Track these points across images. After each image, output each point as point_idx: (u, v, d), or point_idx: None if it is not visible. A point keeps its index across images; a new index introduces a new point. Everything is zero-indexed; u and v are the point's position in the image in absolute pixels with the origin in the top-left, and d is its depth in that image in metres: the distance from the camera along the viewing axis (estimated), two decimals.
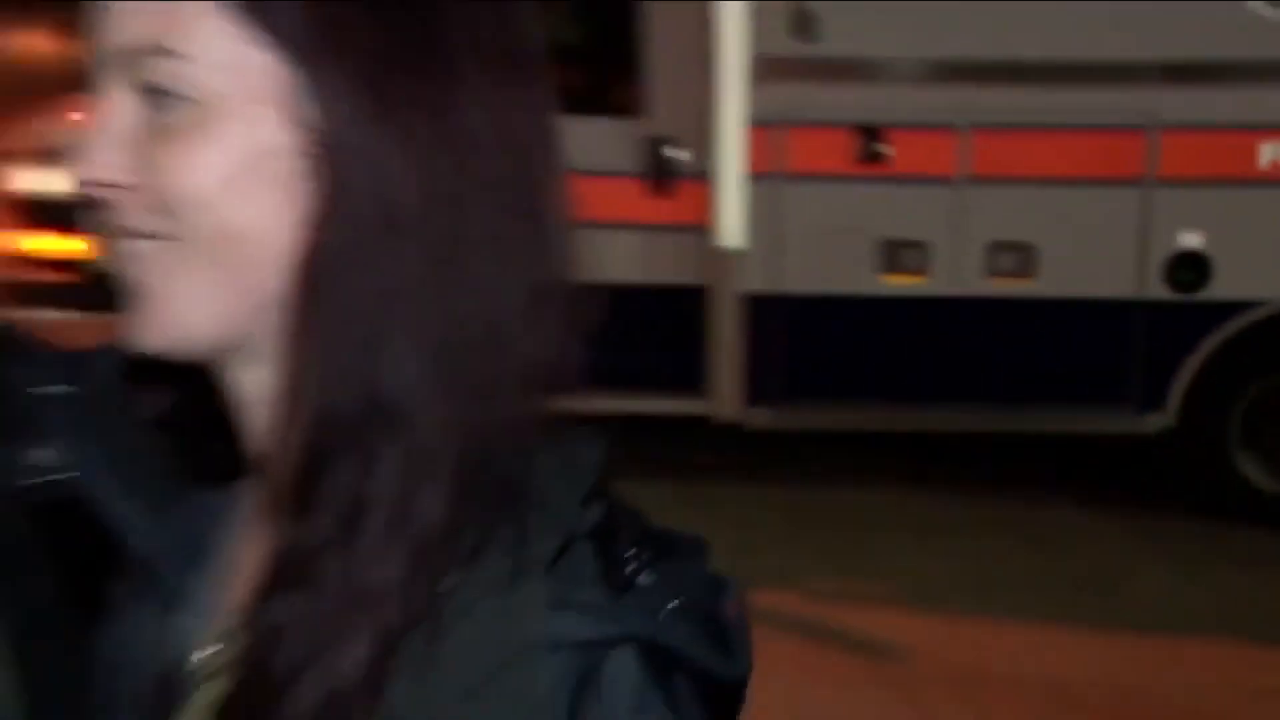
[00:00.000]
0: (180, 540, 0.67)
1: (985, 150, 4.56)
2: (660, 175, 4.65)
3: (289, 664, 0.58)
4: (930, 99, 4.53)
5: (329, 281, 0.59)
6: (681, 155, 4.63)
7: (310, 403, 0.60)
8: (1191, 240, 4.52)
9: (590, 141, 4.34)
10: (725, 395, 4.71)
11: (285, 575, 0.59)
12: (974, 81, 4.52)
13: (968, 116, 4.52)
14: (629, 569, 0.62)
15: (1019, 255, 4.58)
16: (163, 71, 0.59)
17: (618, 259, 4.45)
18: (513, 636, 0.59)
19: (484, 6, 0.62)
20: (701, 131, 4.57)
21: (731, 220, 4.58)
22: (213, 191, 0.60)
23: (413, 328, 0.60)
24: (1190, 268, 4.52)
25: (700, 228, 4.63)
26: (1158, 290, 4.54)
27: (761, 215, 4.57)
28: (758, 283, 4.61)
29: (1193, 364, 4.57)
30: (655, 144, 4.64)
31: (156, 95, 0.60)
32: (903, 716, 3.41)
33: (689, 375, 4.72)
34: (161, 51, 0.60)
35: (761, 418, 4.76)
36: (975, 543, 4.51)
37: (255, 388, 0.63)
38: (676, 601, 0.61)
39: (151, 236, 0.61)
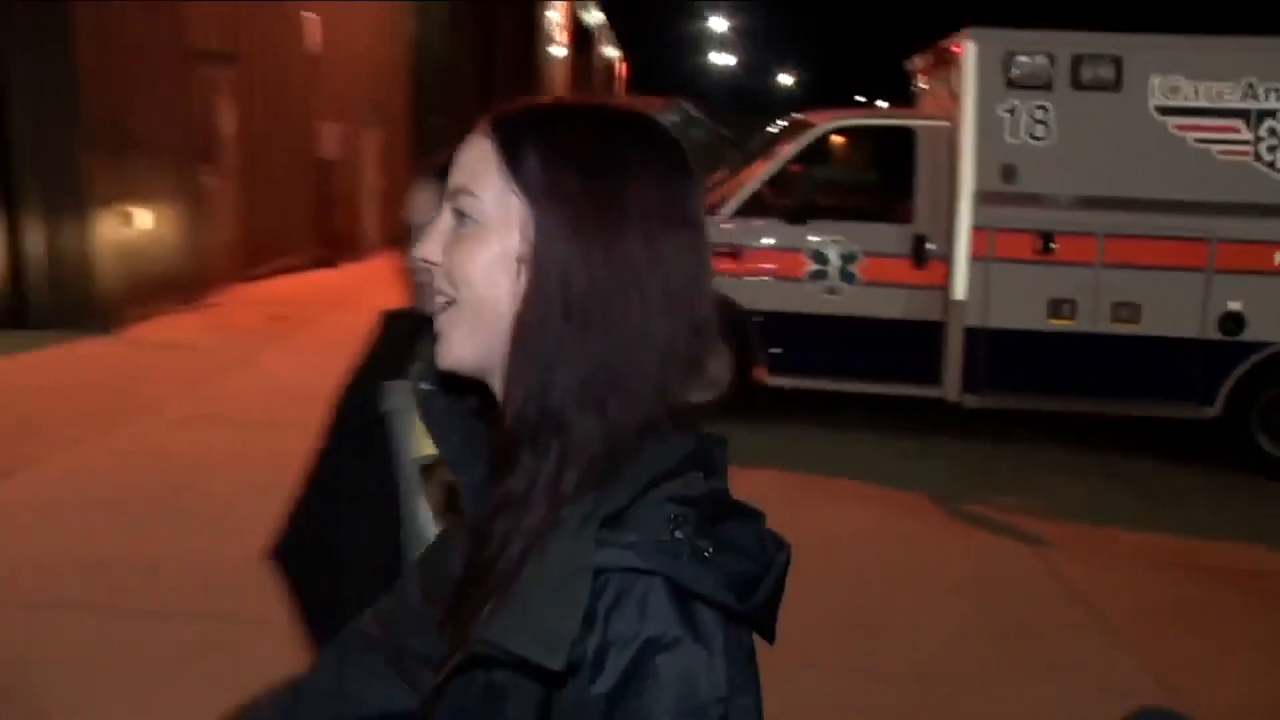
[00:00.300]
0: (478, 471, 1.08)
1: (1112, 248, 7.73)
2: (921, 257, 7.93)
3: (497, 537, 0.99)
4: (1080, 218, 7.72)
5: (524, 335, 0.97)
6: (934, 245, 7.91)
7: (511, 409, 0.98)
8: (1234, 305, 7.62)
9: (882, 237, 7.76)
10: (951, 386, 7.99)
11: (498, 501, 1.00)
12: (1106, 208, 7.69)
13: (1102, 228, 7.69)
14: (672, 525, 0.91)
15: (1130, 309, 7.69)
16: (465, 204, 1.01)
17: (897, 304, 7.79)
18: (571, 561, 0.91)
19: (652, 181, 0.99)
20: (948, 231, 7.84)
21: (960, 283, 7.86)
22: (478, 276, 1.00)
23: (572, 369, 0.96)
24: (1233, 321, 7.63)
25: (943, 288, 7.90)
26: (1213, 334, 7.66)
27: (978, 281, 7.82)
28: (974, 320, 7.85)
29: (1232, 378, 7.67)
30: (919, 239, 7.94)
31: (460, 216, 1.01)
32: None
33: (932, 373, 7.97)
34: (467, 192, 1.01)
35: (972, 400, 8.00)
36: (1095, 478, 7.69)
37: (499, 396, 1.00)
38: (709, 550, 0.91)
39: (445, 298, 1.02)
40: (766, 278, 7.79)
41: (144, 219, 10.08)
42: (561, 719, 0.94)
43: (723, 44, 72.12)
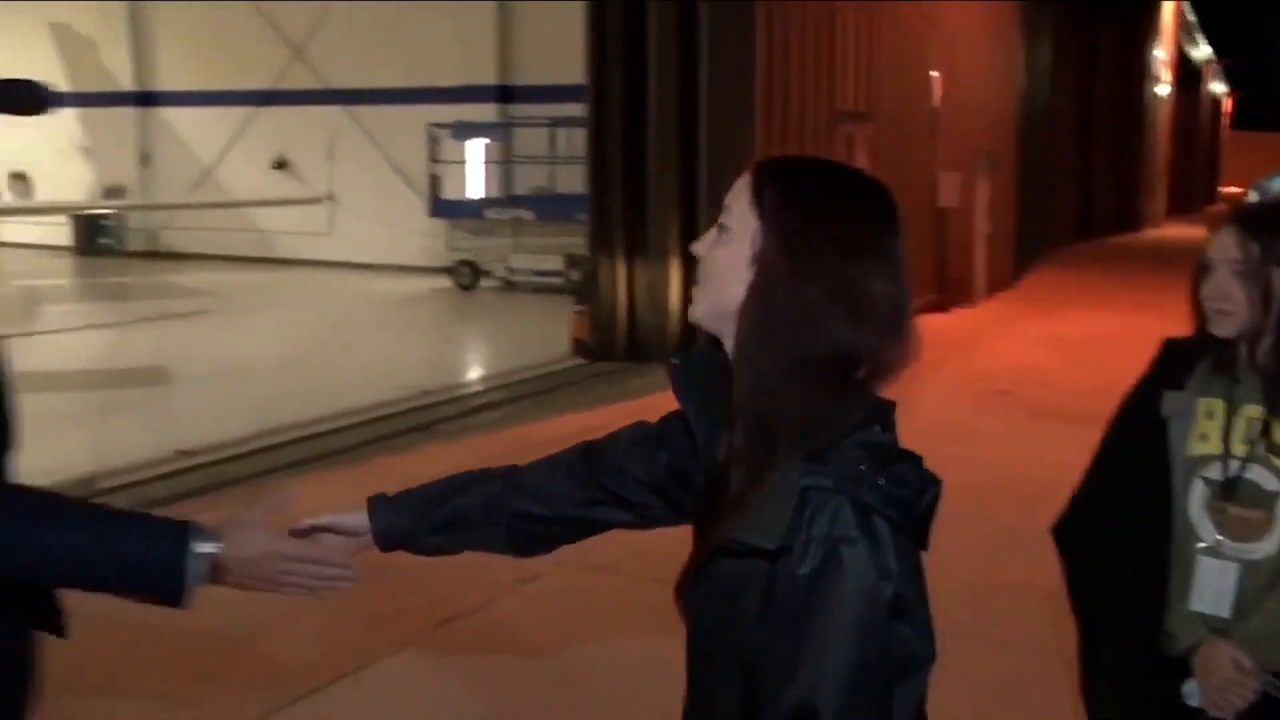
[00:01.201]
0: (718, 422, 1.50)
1: None
2: None
3: (732, 474, 1.41)
4: None
5: (746, 323, 1.42)
6: None
7: (739, 380, 1.42)
8: None
9: None
10: None
11: (729, 447, 1.43)
12: None
13: None
14: (857, 462, 1.35)
15: None
16: (724, 218, 1.46)
17: None
18: (784, 483, 1.36)
19: (853, 223, 1.44)
20: None
21: None
22: (719, 267, 1.46)
23: (778, 354, 1.39)
24: None
25: None
26: None
27: None
28: None
29: None
30: None
31: (721, 227, 1.47)
32: None
33: None
34: (726, 211, 1.48)
35: None
36: None
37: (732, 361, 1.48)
38: (881, 480, 1.34)
39: (697, 282, 1.50)
40: None
41: None
42: (778, 594, 1.35)
43: None
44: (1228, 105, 62.99)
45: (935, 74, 14.43)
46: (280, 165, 19.31)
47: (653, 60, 10.42)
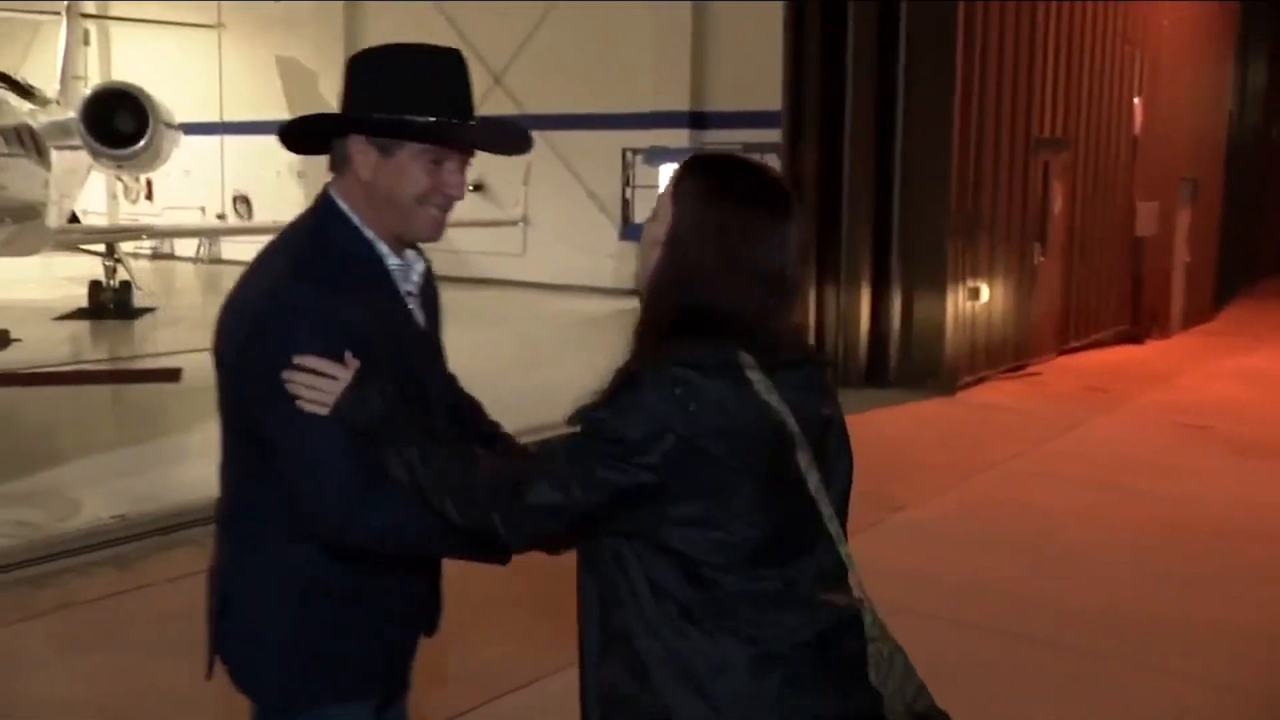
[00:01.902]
0: None
1: None
2: None
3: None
4: None
5: (655, 274, 1.89)
6: None
7: (641, 315, 1.92)
8: None
9: None
10: None
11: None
12: None
13: None
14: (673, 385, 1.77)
15: None
16: (658, 201, 1.94)
17: None
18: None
19: (743, 202, 1.86)
20: None
21: None
22: (647, 241, 1.92)
23: (668, 299, 1.86)
24: None
25: None
26: None
27: None
28: None
29: None
30: None
31: (656, 208, 1.95)
32: None
33: None
34: (656, 207, 1.93)
35: None
36: None
37: None
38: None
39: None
40: None
41: (986, 294, 11.19)
42: None
43: None
44: None
45: (1137, 100, 14.11)
46: (478, 188, 20.06)
47: (850, 89, 10.55)
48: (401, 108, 2.05)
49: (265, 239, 2.27)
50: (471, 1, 18.94)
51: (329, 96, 21.66)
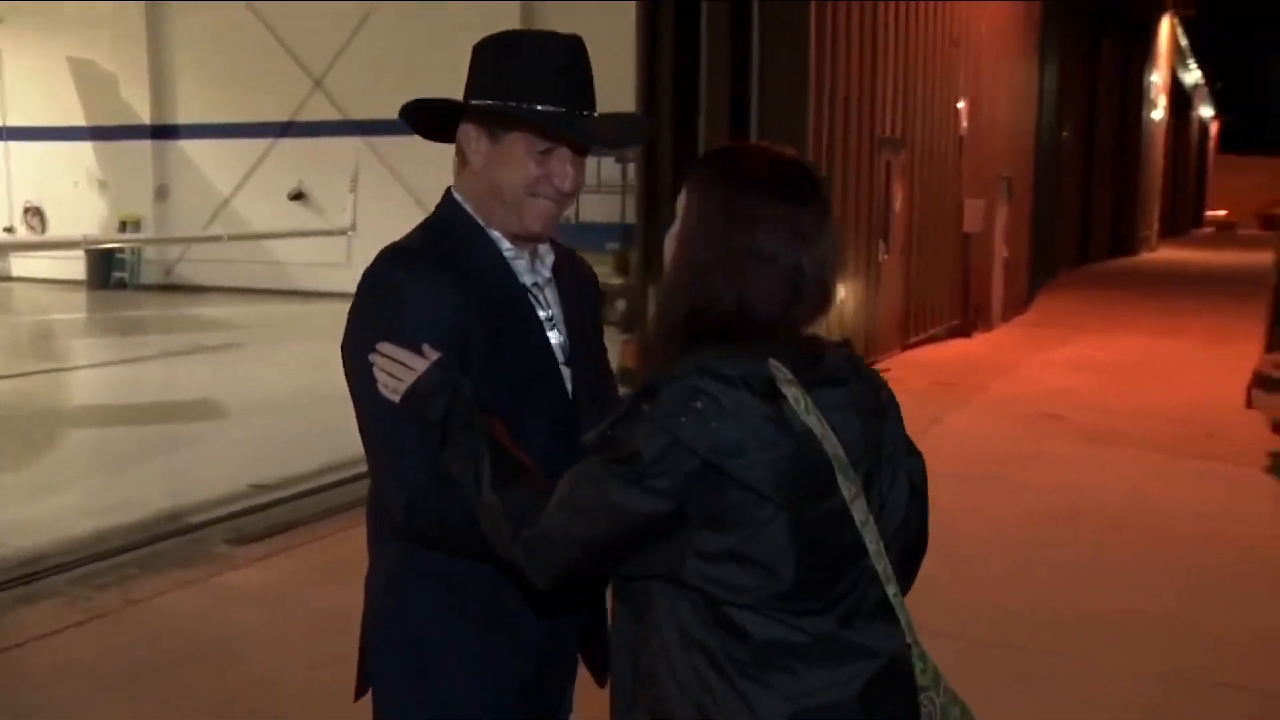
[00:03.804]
0: None
1: None
2: None
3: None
4: None
5: (669, 268, 1.70)
6: None
7: (657, 314, 1.71)
8: None
9: None
10: None
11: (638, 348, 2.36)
12: None
13: None
14: (674, 398, 1.55)
15: None
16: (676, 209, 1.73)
17: None
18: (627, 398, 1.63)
19: (761, 193, 1.64)
20: None
21: None
22: (667, 239, 1.72)
23: (679, 295, 1.66)
24: None
25: None
26: None
27: None
28: None
29: None
30: None
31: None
32: None
33: None
34: (676, 207, 1.73)
35: None
36: None
37: None
38: (684, 418, 1.54)
39: None
40: None
41: (840, 292, 11.29)
42: None
43: None
44: (1214, 129, 63.53)
45: (961, 104, 14.54)
46: (297, 197, 19.30)
47: (704, 90, 10.47)
48: (515, 94, 1.96)
49: (65, 254, 2.01)
50: (288, 1, 18.16)
51: (134, 102, 20.49)
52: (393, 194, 18.28)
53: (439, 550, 1.97)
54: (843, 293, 11.30)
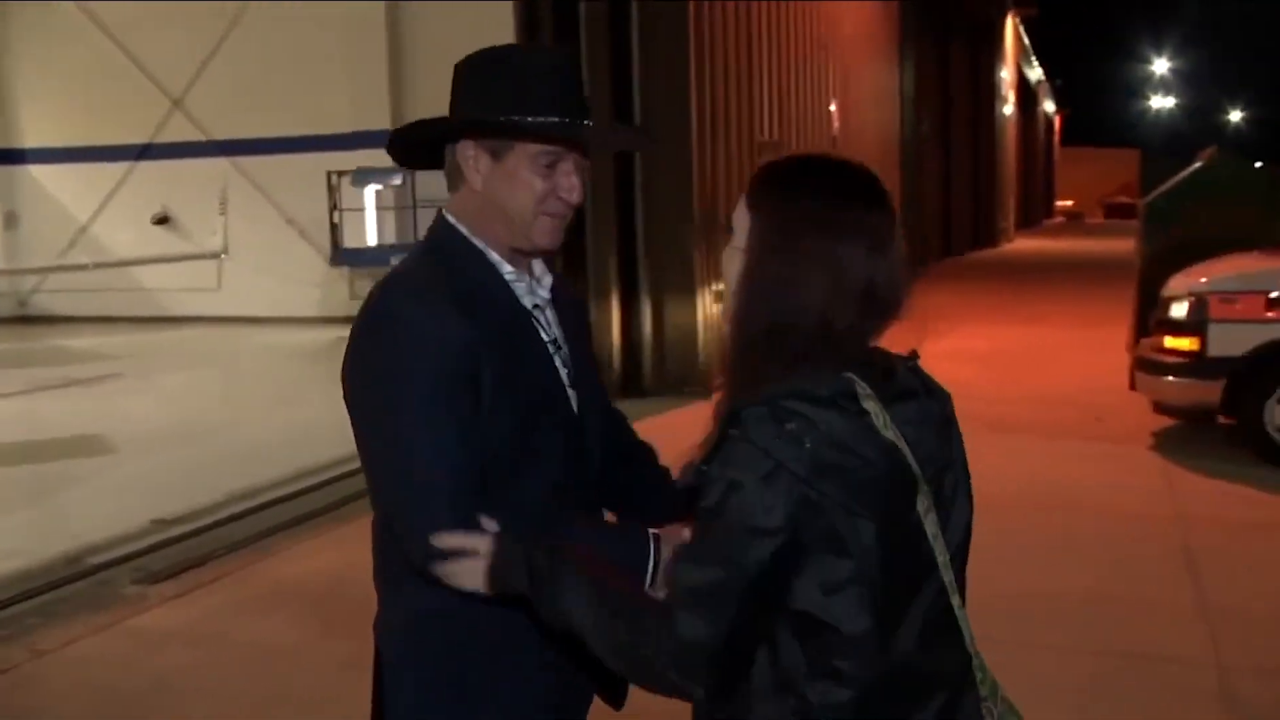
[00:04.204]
0: None
1: None
2: None
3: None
4: None
5: (739, 289, 1.62)
6: None
7: (728, 341, 1.65)
8: None
9: None
10: None
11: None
12: None
13: None
14: (786, 420, 1.50)
15: None
16: (733, 225, 1.67)
17: None
18: (722, 429, 1.55)
19: (829, 206, 1.60)
20: None
21: None
22: (728, 267, 1.66)
23: (760, 314, 1.59)
24: None
25: None
26: None
27: None
28: None
29: None
30: None
31: (731, 235, 1.67)
32: None
33: None
34: (733, 225, 1.67)
35: None
36: None
37: None
38: (808, 443, 1.49)
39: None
40: None
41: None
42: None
43: (1165, 87, 68.48)
44: (1058, 123, 65.99)
45: (833, 106, 14.82)
46: (162, 221, 18.69)
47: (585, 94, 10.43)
48: (512, 109, 1.90)
49: None
50: (145, 4, 17.51)
51: None
52: (264, 215, 17.87)
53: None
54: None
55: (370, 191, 16.47)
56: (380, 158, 16.51)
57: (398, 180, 16.20)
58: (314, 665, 4.81)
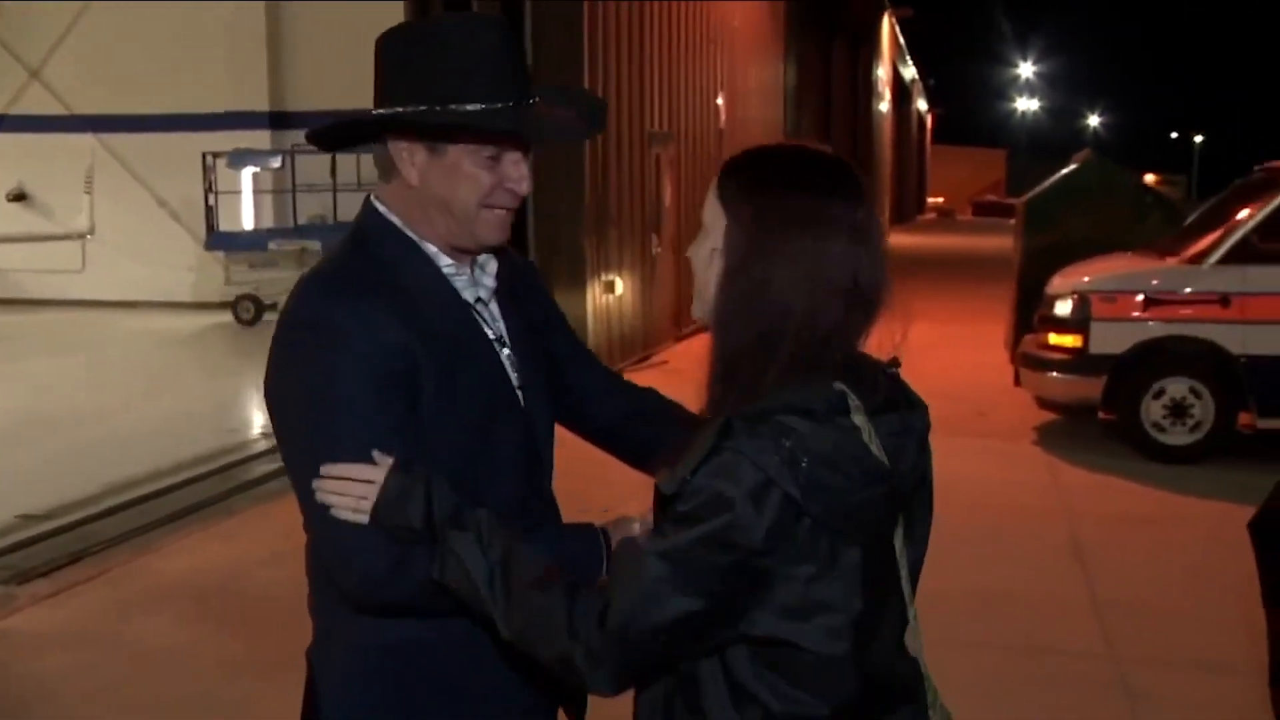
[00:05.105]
0: None
1: None
2: None
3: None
4: None
5: (720, 293, 1.53)
6: None
7: (712, 351, 1.55)
8: None
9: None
10: None
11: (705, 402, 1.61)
12: None
13: None
14: (783, 436, 1.43)
15: None
16: (703, 220, 1.58)
17: None
18: (708, 439, 1.45)
19: (808, 198, 1.51)
20: None
21: None
22: (701, 264, 1.58)
23: (745, 317, 1.50)
24: None
25: None
26: None
27: None
28: None
29: None
30: None
31: (701, 229, 1.59)
32: None
33: None
34: (704, 221, 1.58)
35: None
36: None
37: None
38: (805, 462, 1.42)
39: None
40: (1259, 323, 7.99)
41: (620, 287, 11.32)
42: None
43: (1030, 90, 70.53)
44: (930, 121, 67.52)
45: (720, 99, 14.85)
46: (18, 198, 17.86)
47: None
48: (448, 95, 1.72)
49: None
50: None
51: None
52: (133, 195, 17.20)
53: (405, 617, 1.75)
54: (620, 288, 11.33)
55: (248, 174, 15.96)
56: (257, 139, 16.10)
57: (276, 163, 15.74)
58: (207, 667, 4.62)
